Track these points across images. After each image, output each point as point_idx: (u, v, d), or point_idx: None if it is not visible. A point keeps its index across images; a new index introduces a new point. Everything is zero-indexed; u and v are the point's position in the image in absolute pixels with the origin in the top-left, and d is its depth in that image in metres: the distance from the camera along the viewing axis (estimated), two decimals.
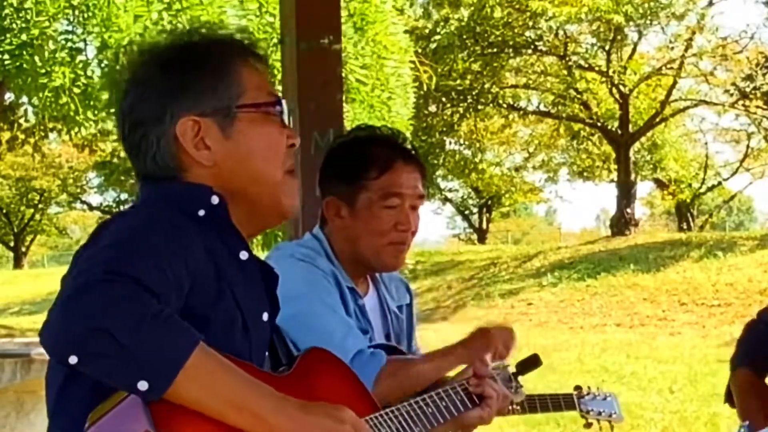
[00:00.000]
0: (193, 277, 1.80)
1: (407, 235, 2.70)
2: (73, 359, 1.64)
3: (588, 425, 3.15)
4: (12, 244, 44.81)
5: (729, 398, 3.20)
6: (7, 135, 19.30)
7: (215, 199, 1.91)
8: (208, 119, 1.93)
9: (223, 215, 1.92)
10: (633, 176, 30.46)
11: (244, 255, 1.94)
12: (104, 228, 1.84)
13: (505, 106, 31.22)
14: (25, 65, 10.50)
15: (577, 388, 3.17)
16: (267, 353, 2.03)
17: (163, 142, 1.93)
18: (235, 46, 2.01)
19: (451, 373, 2.62)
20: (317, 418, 1.77)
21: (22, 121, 18.97)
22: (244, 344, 1.89)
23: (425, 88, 15.33)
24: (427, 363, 2.63)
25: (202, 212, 1.90)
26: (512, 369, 2.74)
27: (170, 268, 1.75)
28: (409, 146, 2.77)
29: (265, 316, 1.99)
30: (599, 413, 3.16)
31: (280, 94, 2.03)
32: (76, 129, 11.49)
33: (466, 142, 34.46)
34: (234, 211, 1.94)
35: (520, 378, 2.74)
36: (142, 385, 1.64)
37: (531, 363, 2.77)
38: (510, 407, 2.62)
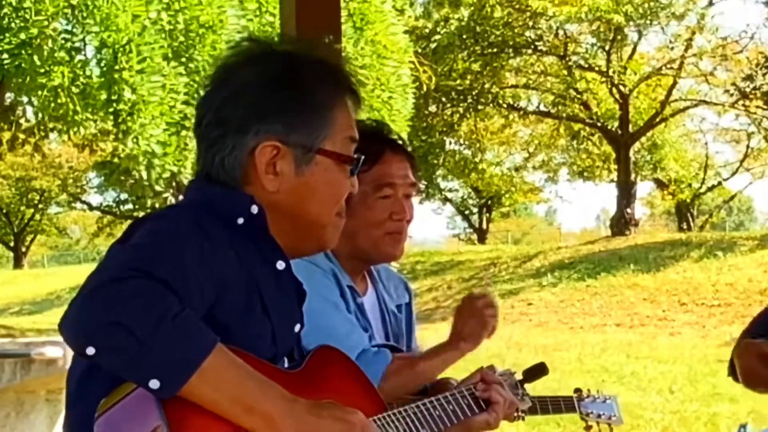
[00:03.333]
0: (221, 286, 1.80)
1: (403, 224, 2.71)
2: (90, 350, 1.64)
3: (588, 428, 3.17)
4: (12, 244, 44.84)
5: (733, 371, 3.19)
6: (7, 135, 19.30)
7: (255, 209, 1.91)
8: (288, 148, 1.92)
9: (261, 225, 1.92)
10: (633, 176, 30.47)
11: (281, 265, 1.94)
12: (139, 225, 1.85)
13: (505, 106, 31.23)
14: (24, 64, 10.51)
15: (577, 390, 3.18)
16: (286, 357, 2.04)
17: (238, 151, 1.92)
18: (339, 83, 2.00)
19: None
20: (327, 422, 1.77)
21: (22, 121, 18.98)
22: (269, 354, 1.90)
23: (425, 88, 15.35)
24: (431, 359, 2.65)
25: (241, 220, 1.90)
26: (519, 376, 2.76)
27: (195, 274, 1.75)
28: (395, 136, 2.78)
29: (297, 328, 2.00)
30: (599, 416, 3.17)
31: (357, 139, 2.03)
32: (75, 128, 11.49)
33: (466, 142, 34.47)
34: (276, 230, 1.94)
35: (526, 385, 2.75)
36: (154, 384, 1.65)
37: (537, 371, 2.78)
38: (516, 414, 2.63)
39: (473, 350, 2.68)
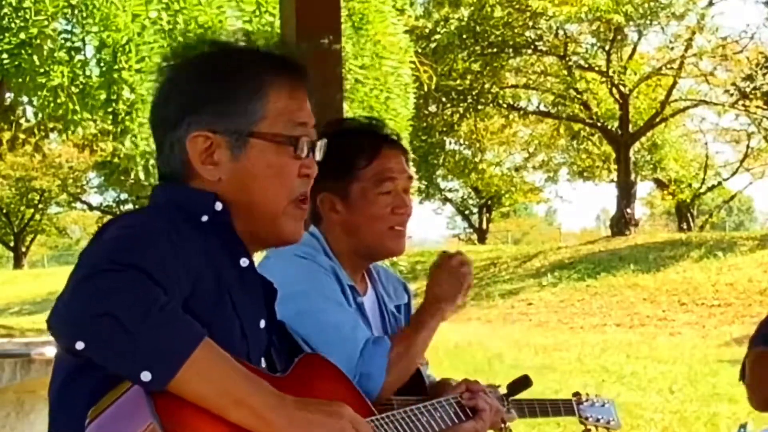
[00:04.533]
0: (193, 282, 1.81)
1: (405, 217, 2.72)
2: (79, 344, 1.64)
3: (587, 431, 3.19)
4: (12, 244, 44.85)
5: (744, 375, 3.20)
6: (7, 135, 19.28)
7: (219, 206, 1.92)
8: (220, 136, 1.93)
9: (225, 222, 1.93)
10: (633, 176, 30.48)
11: (244, 262, 1.95)
12: (109, 225, 1.86)
13: (505, 106, 31.24)
14: (23, 64, 10.51)
15: (576, 394, 3.21)
16: (263, 359, 2.03)
17: (176, 148, 1.95)
18: (271, 65, 1.99)
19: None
20: (315, 416, 1.76)
21: (22, 121, 18.97)
22: (242, 350, 1.90)
23: (425, 88, 15.33)
24: (421, 334, 2.66)
25: (205, 218, 1.91)
26: (503, 390, 2.78)
27: (173, 266, 1.76)
28: (388, 131, 2.80)
29: (262, 323, 2.00)
30: (597, 420, 3.20)
31: (306, 120, 1.99)
32: (74, 128, 11.49)
33: (466, 142, 34.49)
34: (237, 223, 1.95)
35: (511, 398, 2.77)
36: (145, 376, 1.64)
37: (521, 384, 2.80)
38: (503, 426, 2.63)
39: (452, 309, 2.69)
